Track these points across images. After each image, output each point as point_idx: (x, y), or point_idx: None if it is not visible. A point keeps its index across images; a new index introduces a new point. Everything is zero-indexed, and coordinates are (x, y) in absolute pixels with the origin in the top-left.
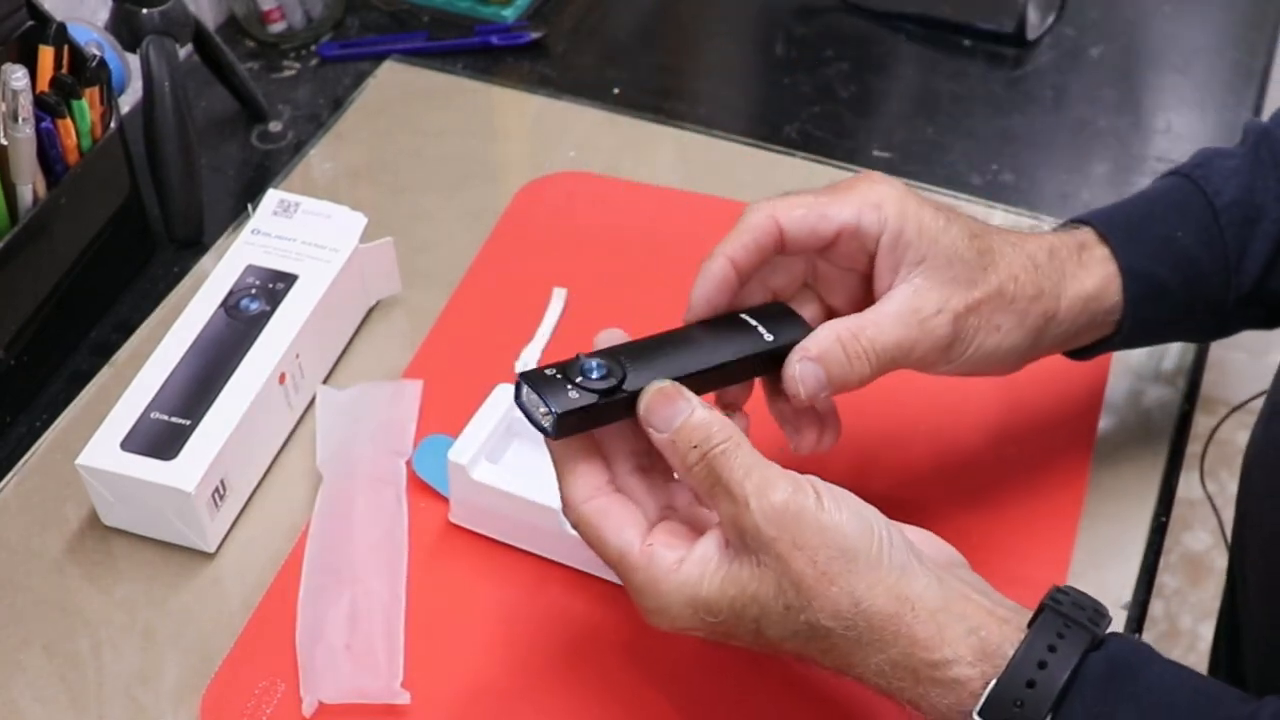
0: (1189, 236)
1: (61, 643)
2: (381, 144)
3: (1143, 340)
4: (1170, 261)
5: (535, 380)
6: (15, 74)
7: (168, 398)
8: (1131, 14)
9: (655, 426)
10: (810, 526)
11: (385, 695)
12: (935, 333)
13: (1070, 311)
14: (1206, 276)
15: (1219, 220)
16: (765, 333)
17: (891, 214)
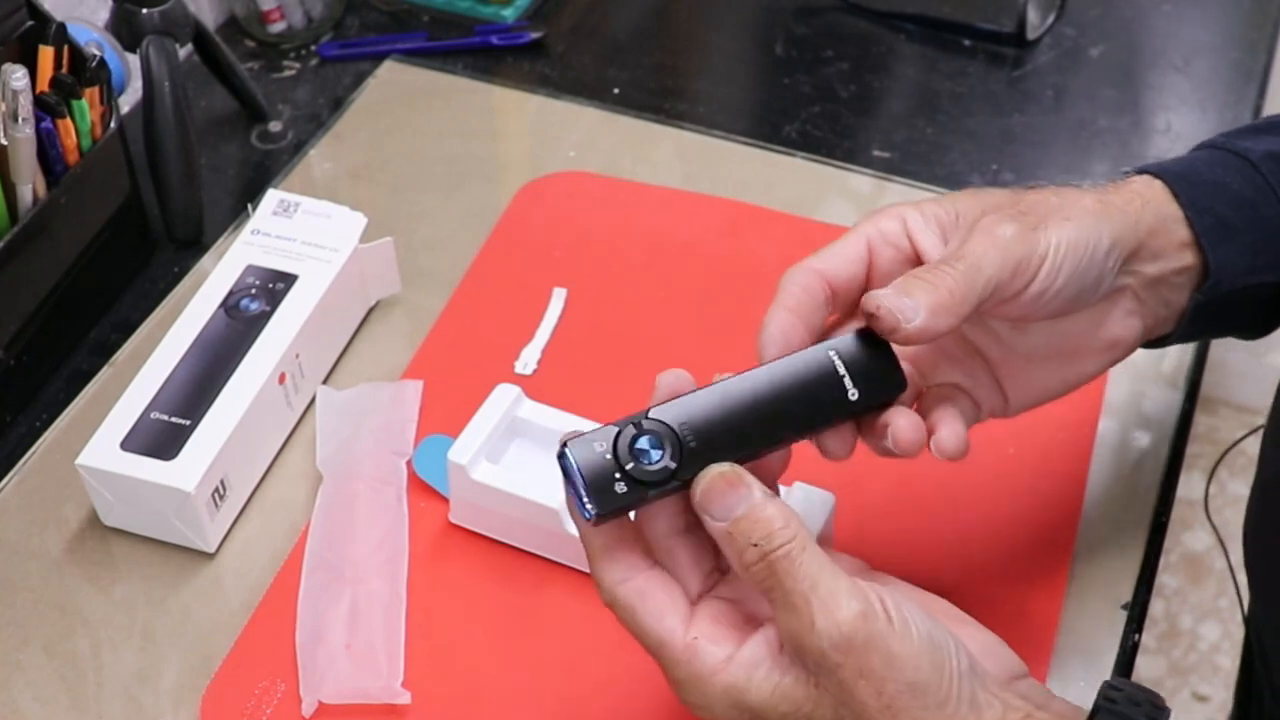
0: (1239, 183)
1: (61, 643)
2: (381, 144)
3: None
4: (1230, 203)
5: (580, 458)
6: (15, 74)
7: (168, 398)
8: (1131, 13)
9: (712, 515)
10: (879, 654)
11: (385, 695)
12: (996, 230)
13: (1140, 233)
14: (1268, 220)
15: (1260, 170)
16: (851, 389)
17: (901, 207)
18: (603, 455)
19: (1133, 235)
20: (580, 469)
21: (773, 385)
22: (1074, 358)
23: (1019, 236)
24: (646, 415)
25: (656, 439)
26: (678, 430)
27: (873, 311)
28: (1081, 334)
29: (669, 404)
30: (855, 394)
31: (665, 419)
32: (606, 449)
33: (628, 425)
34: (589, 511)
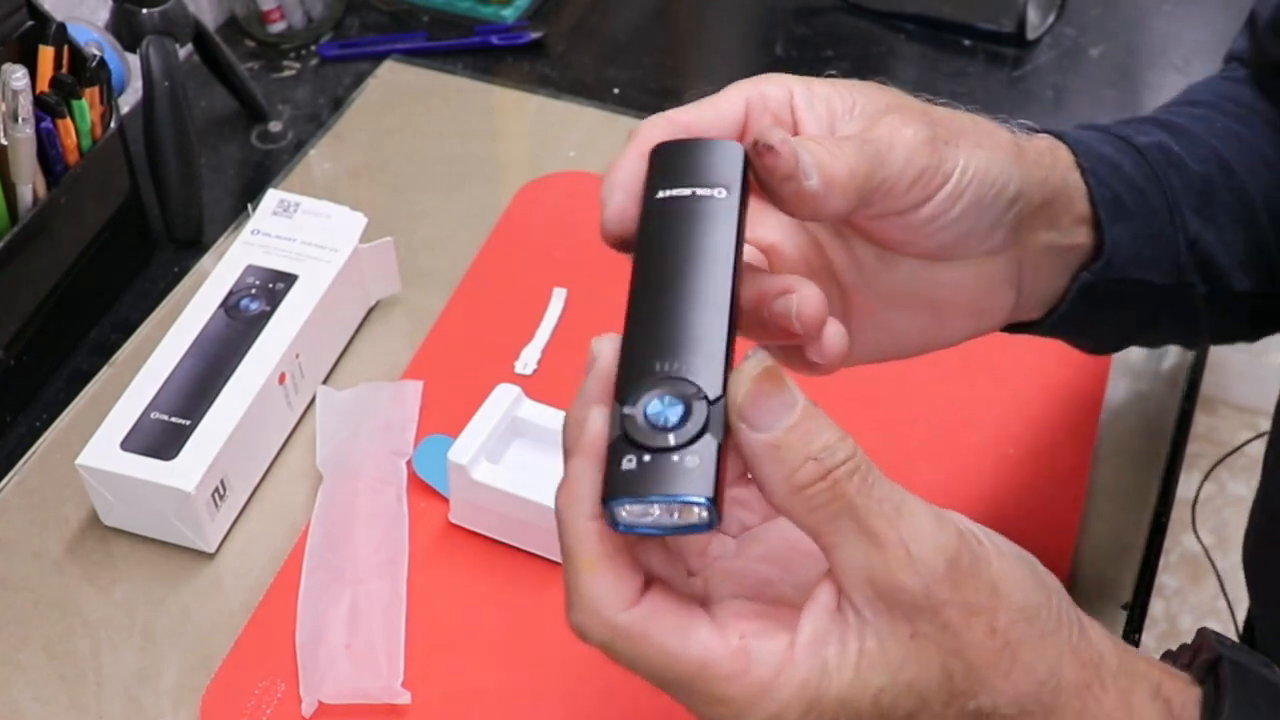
0: (1130, 167)
1: (61, 642)
2: (381, 144)
3: (1125, 292)
4: (1124, 184)
5: (634, 487)
6: (15, 74)
7: (168, 398)
8: (1131, 13)
9: (755, 424)
10: (984, 582)
11: (385, 695)
12: (911, 129)
13: (1040, 163)
14: (1156, 211)
15: (1146, 159)
16: (714, 190)
17: (787, 79)
18: (637, 463)
19: (1039, 193)
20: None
21: (667, 254)
22: (936, 313)
23: (929, 144)
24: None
25: (664, 398)
26: (662, 374)
27: (772, 144)
28: (952, 287)
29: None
30: (721, 190)
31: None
32: (629, 457)
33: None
34: (706, 505)
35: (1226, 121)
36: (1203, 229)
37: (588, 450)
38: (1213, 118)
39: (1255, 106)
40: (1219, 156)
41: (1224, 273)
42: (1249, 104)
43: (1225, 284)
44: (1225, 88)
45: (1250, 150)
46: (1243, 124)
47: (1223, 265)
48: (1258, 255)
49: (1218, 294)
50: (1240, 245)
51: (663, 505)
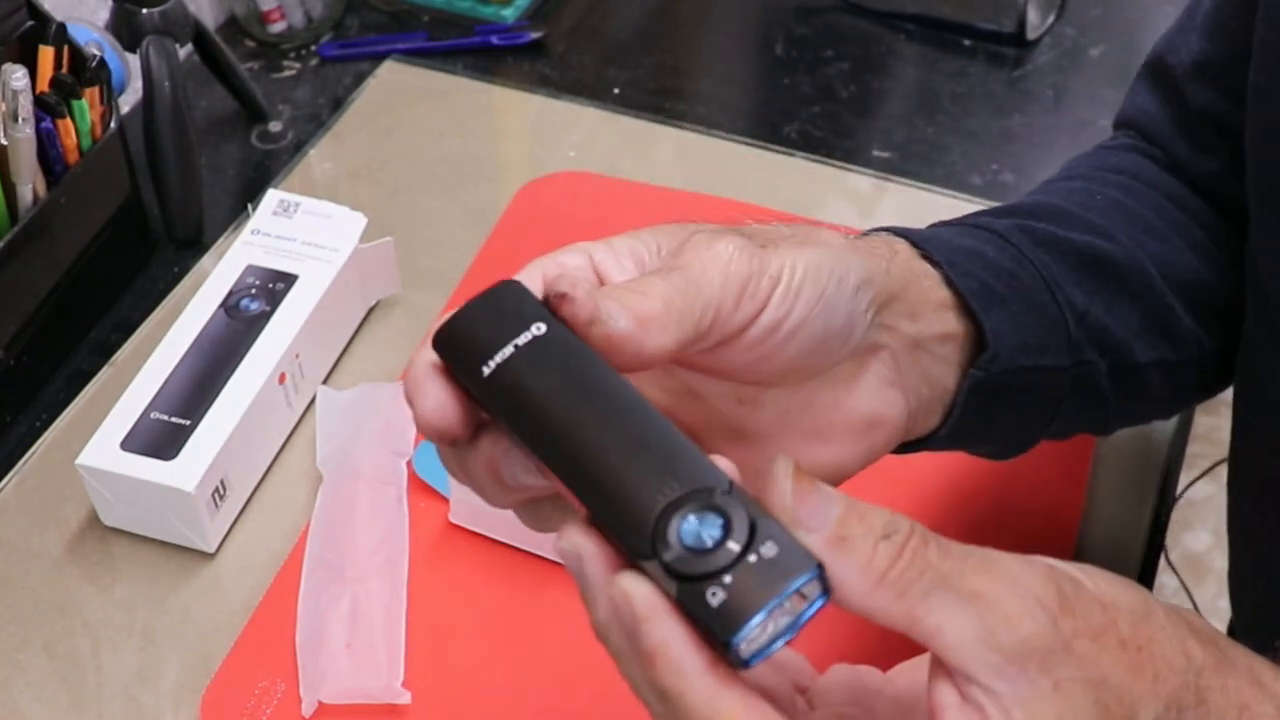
0: (993, 252)
1: (61, 642)
2: (381, 144)
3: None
4: (989, 269)
5: (738, 608)
6: (15, 74)
7: (168, 398)
8: (1131, 13)
9: (810, 524)
10: (1093, 601)
11: (386, 695)
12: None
13: (900, 282)
14: (1033, 293)
15: (1010, 241)
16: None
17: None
18: (728, 586)
19: (884, 281)
20: (754, 602)
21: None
22: (822, 438)
23: (743, 252)
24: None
25: (697, 520)
26: (660, 502)
27: (563, 291)
28: (829, 406)
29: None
30: (541, 326)
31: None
32: (715, 588)
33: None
34: (822, 581)
35: (1108, 191)
36: (1089, 302)
37: (655, 620)
38: (1092, 190)
39: (1139, 174)
40: (1097, 229)
41: (1123, 345)
42: (1132, 171)
43: (1128, 356)
44: (1104, 158)
45: (1136, 219)
46: (1125, 192)
47: (1120, 337)
48: (1156, 323)
49: (1122, 369)
50: (1136, 316)
51: (779, 606)
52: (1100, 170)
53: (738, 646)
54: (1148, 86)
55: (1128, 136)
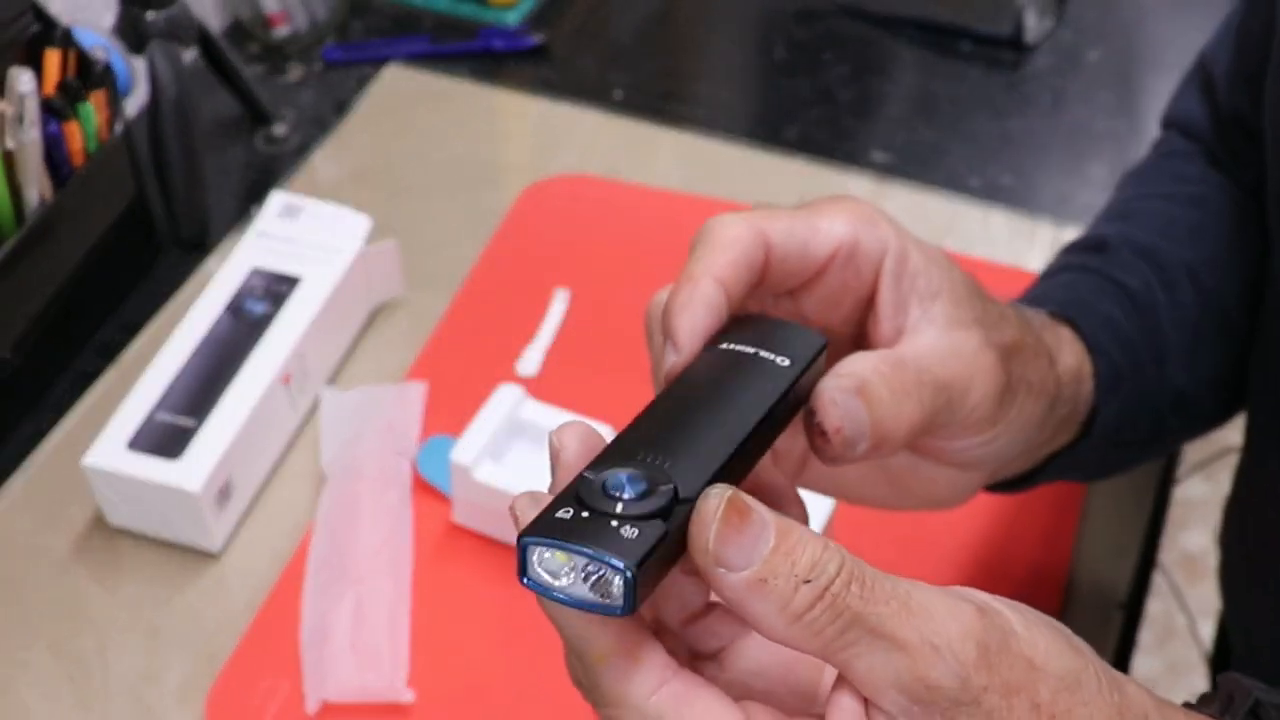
0: (1124, 319)
1: (67, 642)
2: (385, 147)
3: (1097, 456)
4: (1119, 343)
5: (557, 531)
6: (22, 77)
7: (173, 398)
8: (1129, 17)
9: (732, 563)
10: (1017, 657)
11: (389, 694)
12: (989, 372)
13: (1068, 387)
14: (1144, 367)
15: (1137, 305)
16: (777, 357)
17: (891, 234)
18: (574, 517)
19: (1068, 410)
20: (568, 538)
21: (700, 387)
22: (899, 488)
23: (998, 395)
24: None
25: (631, 474)
26: (642, 458)
27: (826, 431)
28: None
29: (607, 450)
30: (786, 360)
31: (614, 454)
32: (568, 511)
33: (577, 478)
34: (622, 573)
35: (1187, 211)
36: (1188, 375)
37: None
38: (1174, 214)
39: (1208, 181)
40: (1193, 273)
41: (1199, 406)
42: (1198, 180)
43: (1198, 413)
44: (1173, 167)
45: (1215, 243)
46: (1202, 210)
47: (1199, 401)
48: (1230, 372)
49: (1189, 425)
50: (1216, 367)
51: (580, 560)
52: (1173, 180)
53: (526, 549)
54: (1195, 89)
55: (1178, 136)
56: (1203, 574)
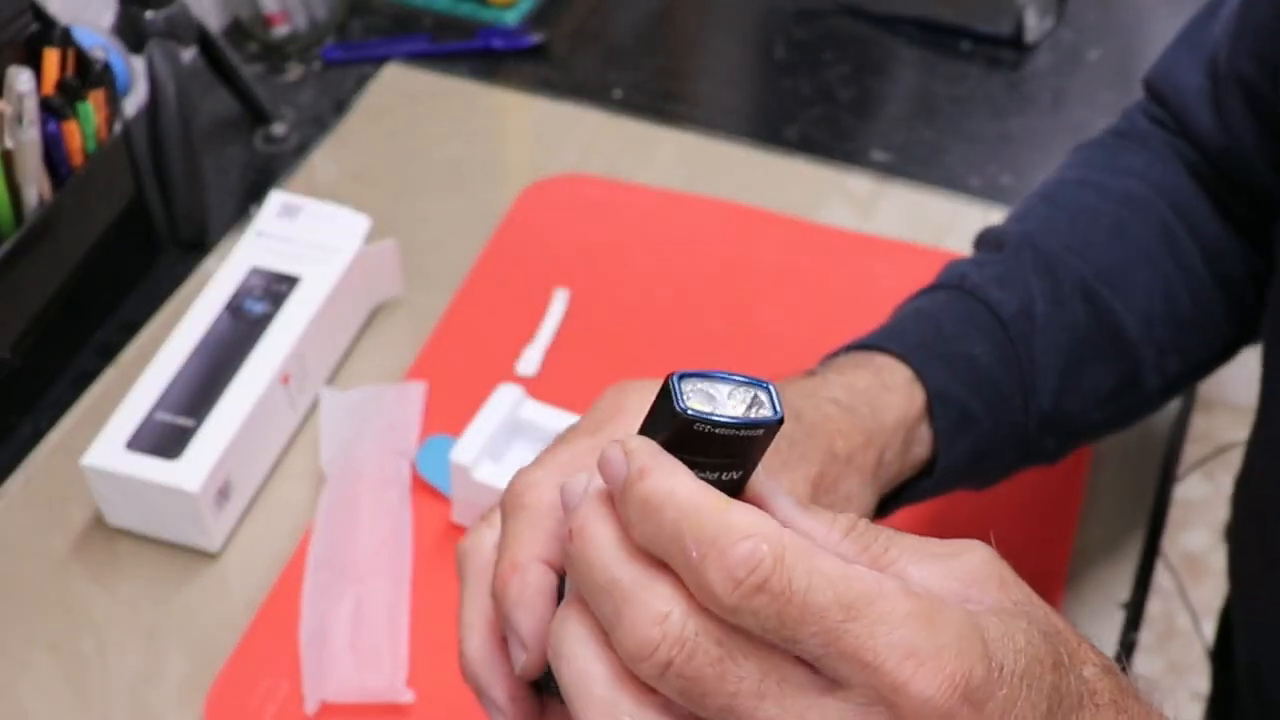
0: (987, 355)
1: (67, 642)
2: (384, 146)
3: (948, 485)
4: (974, 384)
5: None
6: (21, 77)
7: (172, 398)
8: (1129, 17)
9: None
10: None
11: (389, 694)
12: None
13: (893, 443)
14: (1007, 399)
15: (1009, 334)
16: None
17: None
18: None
19: (883, 443)
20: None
21: None
22: None
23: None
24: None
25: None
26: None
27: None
28: None
29: None
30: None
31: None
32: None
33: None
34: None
35: (1114, 209)
36: (1060, 397)
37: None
38: (1098, 210)
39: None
40: (1088, 289)
41: (1079, 423)
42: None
43: (1080, 426)
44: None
45: (1127, 250)
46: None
47: (1079, 422)
48: (1122, 384)
49: (1069, 439)
50: (1098, 388)
51: (732, 387)
52: (1111, 173)
53: (679, 386)
54: (1188, 49)
55: (1151, 106)
56: (1204, 573)
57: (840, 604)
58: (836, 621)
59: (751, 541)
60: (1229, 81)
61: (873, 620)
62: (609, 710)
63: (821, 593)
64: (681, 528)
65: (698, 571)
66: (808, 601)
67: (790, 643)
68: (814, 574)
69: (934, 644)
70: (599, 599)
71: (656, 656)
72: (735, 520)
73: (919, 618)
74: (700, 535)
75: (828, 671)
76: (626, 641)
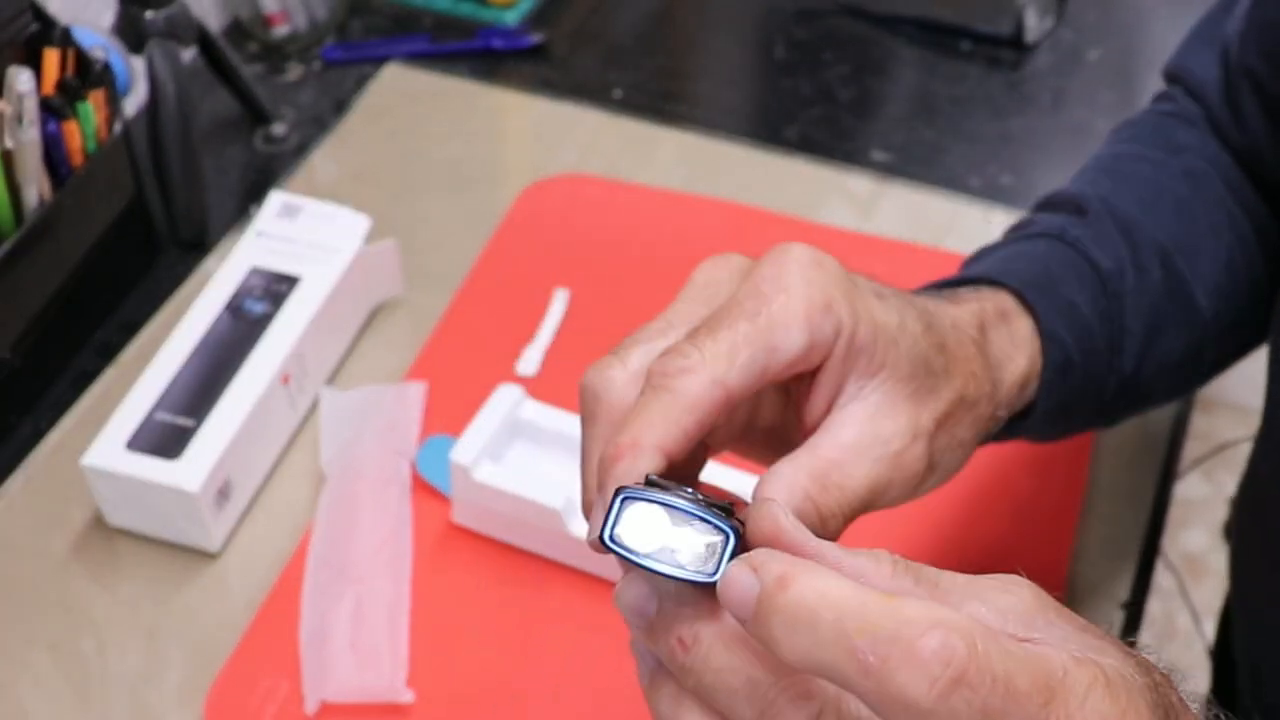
0: (1087, 306)
1: (67, 642)
2: (384, 146)
3: (1032, 431)
4: (1076, 332)
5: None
6: (21, 77)
7: (172, 398)
8: (1129, 17)
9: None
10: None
11: (389, 694)
12: (910, 467)
13: (1010, 401)
14: (1100, 354)
15: (1106, 290)
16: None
17: (845, 313)
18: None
19: (999, 400)
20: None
21: None
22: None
23: (926, 464)
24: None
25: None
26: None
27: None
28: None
29: None
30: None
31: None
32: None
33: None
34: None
35: (1175, 185)
36: (1139, 361)
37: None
38: (1161, 184)
39: (1204, 153)
40: (1165, 255)
41: (1145, 390)
42: (1195, 150)
43: (1143, 395)
44: (1171, 130)
45: (1195, 224)
46: (1190, 186)
47: (1146, 386)
48: (1184, 357)
49: (1132, 406)
50: (1170, 354)
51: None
52: (1166, 150)
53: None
54: (1203, 42)
55: (1181, 94)
56: (1204, 573)
57: (1037, 687)
58: (1039, 706)
59: (940, 632)
60: (1240, 77)
61: (1066, 697)
62: None
63: (1020, 678)
64: (846, 630)
65: (879, 676)
66: (1010, 690)
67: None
68: (1008, 658)
69: (1118, 710)
70: (734, 705)
71: None
72: (911, 613)
73: (1098, 686)
74: (876, 636)
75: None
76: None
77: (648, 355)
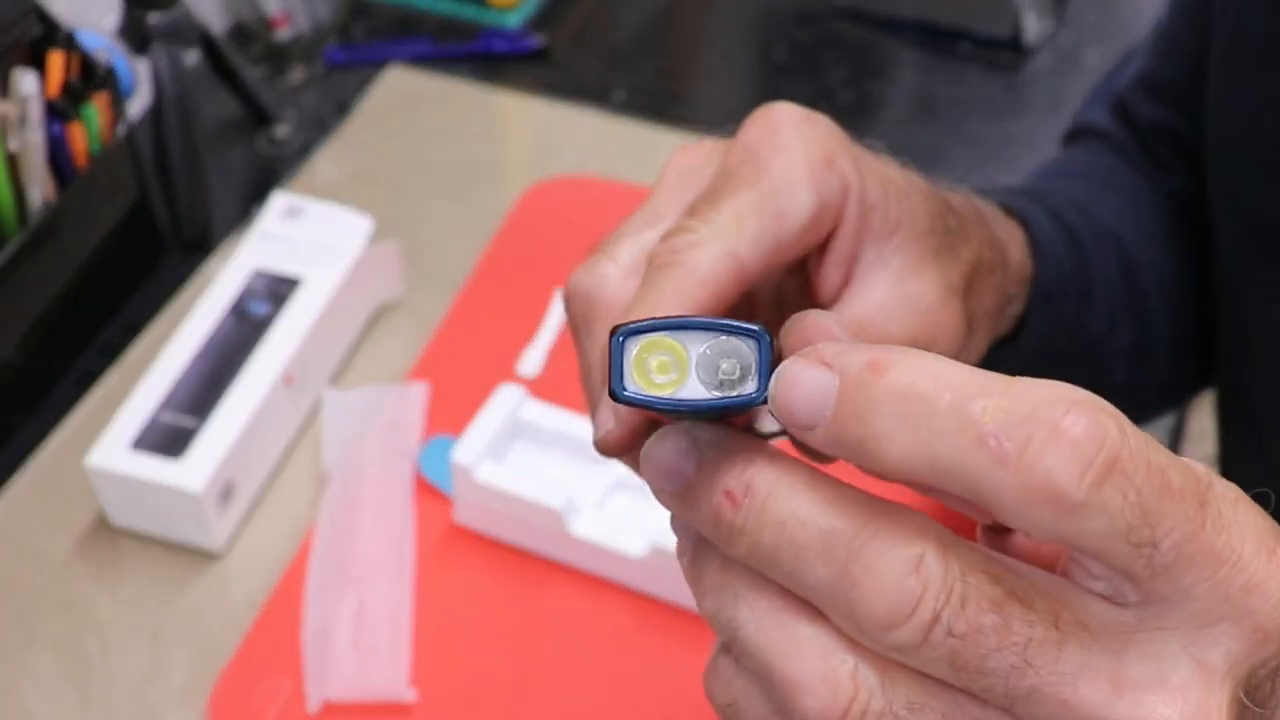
0: (1061, 249)
1: (69, 642)
2: (386, 148)
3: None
4: (1053, 270)
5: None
6: (26, 79)
7: (176, 399)
8: (1129, 19)
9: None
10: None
11: (391, 693)
12: (950, 326)
13: (1017, 280)
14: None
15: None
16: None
17: (849, 168)
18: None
19: (1009, 278)
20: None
21: None
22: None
23: (964, 321)
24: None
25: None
26: None
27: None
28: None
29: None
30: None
31: None
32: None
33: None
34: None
35: (1110, 195)
36: (1103, 331)
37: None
38: (1095, 194)
39: (1129, 174)
40: (1119, 240)
41: (1110, 366)
42: (1122, 170)
43: (1107, 373)
44: (1092, 158)
45: (1139, 224)
46: (1128, 197)
47: (1111, 362)
48: (1136, 349)
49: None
50: (1129, 337)
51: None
52: (1101, 171)
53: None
54: (1103, 106)
55: (1092, 141)
56: None
57: (1190, 486)
58: (1195, 508)
59: (1088, 408)
60: (1151, 134)
61: (1219, 503)
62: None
63: (1173, 473)
64: (971, 415)
65: (1020, 466)
66: (1165, 485)
67: (1137, 548)
68: (1158, 450)
69: (1267, 524)
70: (804, 568)
71: (919, 615)
72: (1045, 391)
73: (1243, 499)
74: (1010, 416)
75: (1159, 586)
76: (870, 607)
77: (639, 247)
